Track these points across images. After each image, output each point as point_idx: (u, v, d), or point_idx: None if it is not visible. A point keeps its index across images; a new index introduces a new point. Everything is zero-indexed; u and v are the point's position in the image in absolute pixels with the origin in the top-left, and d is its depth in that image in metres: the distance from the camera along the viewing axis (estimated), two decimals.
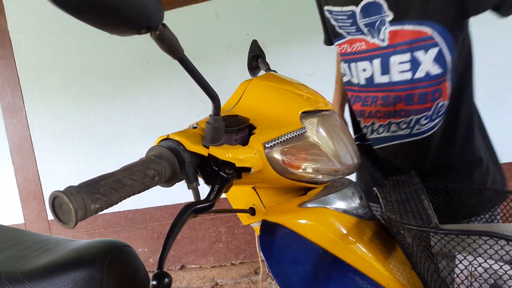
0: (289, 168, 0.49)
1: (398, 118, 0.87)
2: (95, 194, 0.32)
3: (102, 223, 2.11)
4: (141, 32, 0.33)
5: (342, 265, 0.51)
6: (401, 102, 0.86)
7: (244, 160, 0.45)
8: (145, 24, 0.33)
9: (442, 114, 0.84)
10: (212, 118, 0.43)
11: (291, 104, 0.55)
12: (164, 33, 0.34)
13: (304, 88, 0.60)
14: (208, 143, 0.43)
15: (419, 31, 0.78)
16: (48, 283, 0.64)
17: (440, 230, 0.43)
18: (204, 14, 1.88)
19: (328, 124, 0.56)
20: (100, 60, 2.01)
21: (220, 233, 2.02)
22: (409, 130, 0.86)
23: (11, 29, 2.07)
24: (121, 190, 0.35)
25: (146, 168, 0.38)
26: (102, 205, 0.33)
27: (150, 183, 0.38)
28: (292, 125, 0.51)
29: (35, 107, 2.10)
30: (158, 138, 0.45)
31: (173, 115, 1.98)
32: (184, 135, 0.44)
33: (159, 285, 0.34)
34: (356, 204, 0.57)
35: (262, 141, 0.47)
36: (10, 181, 2.16)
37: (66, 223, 0.31)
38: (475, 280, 0.45)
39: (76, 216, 0.31)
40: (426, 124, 0.84)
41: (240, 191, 0.64)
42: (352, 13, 0.88)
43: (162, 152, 0.41)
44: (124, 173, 0.36)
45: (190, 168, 0.43)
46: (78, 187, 0.32)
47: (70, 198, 0.31)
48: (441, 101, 0.83)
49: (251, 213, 0.62)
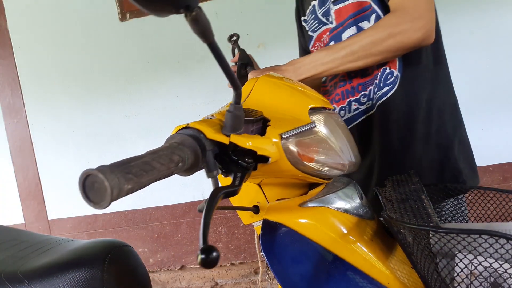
0: (303, 160, 0.50)
1: (357, 94, 0.88)
2: (128, 174, 0.32)
3: (102, 223, 2.11)
4: (180, 12, 0.33)
5: (343, 264, 0.51)
6: (357, 76, 0.87)
7: (263, 148, 0.46)
8: (184, 3, 0.33)
9: (391, 83, 0.83)
10: (233, 106, 0.44)
11: (299, 100, 0.56)
12: (199, 14, 0.34)
13: (306, 87, 0.61)
14: (228, 132, 0.44)
15: (359, 2, 0.82)
16: (48, 283, 0.64)
17: (440, 229, 0.43)
18: None
19: (333, 121, 0.57)
20: (100, 60, 2.01)
21: (220, 233, 2.02)
22: (370, 102, 0.86)
23: (11, 29, 2.07)
24: (151, 172, 0.34)
25: (171, 153, 0.38)
26: (133, 186, 0.32)
27: (174, 169, 0.38)
28: (302, 120, 0.52)
29: (35, 107, 2.10)
30: (176, 127, 0.45)
31: (173, 115, 1.98)
32: (204, 124, 0.44)
33: (207, 258, 0.34)
34: (357, 203, 0.57)
35: (279, 132, 0.48)
36: (10, 181, 2.16)
37: (98, 203, 0.31)
38: (475, 279, 0.45)
39: (111, 195, 0.30)
40: (377, 92, 0.84)
41: (244, 190, 0.64)
42: (313, 8, 0.92)
43: (184, 140, 0.41)
44: (152, 156, 0.36)
45: (210, 157, 0.43)
46: (111, 166, 0.31)
47: (106, 175, 0.30)
48: (388, 68, 0.83)
49: (254, 211, 0.62)
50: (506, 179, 1.74)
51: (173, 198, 2.03)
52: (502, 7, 1.67)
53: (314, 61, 0.78)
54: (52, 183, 2.13)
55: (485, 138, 1.73)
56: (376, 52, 0.75)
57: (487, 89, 1.72)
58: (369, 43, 0.74)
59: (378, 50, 0.74)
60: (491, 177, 1.74)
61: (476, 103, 1.73)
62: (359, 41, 0.75)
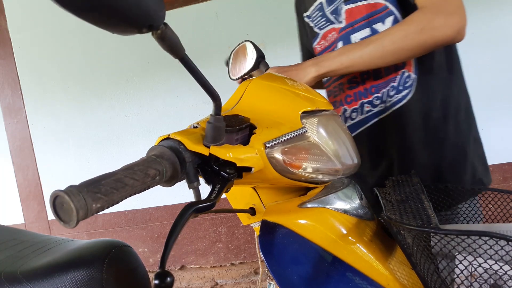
0: (289, 168, 0.49)
1: (370, 96, 0.86)
2: (97, 193, 0.32)
3: (102, 223, 2.11)
4: (143, 31, 0.33)
5: (342, 265, 0.51)
6: (370, 78, 0.85)
7: (245, 159, 0.45)
8: (147, 23, 0.33)
9: (410, 86, 0.82)
10: (213, 118, 0.43)
11: (292, 104, 0.55)
12: (165, 32, 0.34)
13: (304, 88, 0.60)
14: (209, 143, 0.43)
15: (373, 4, 0.80)
16: (48, 283, 0.64)
17: (440, 230, 0.43)
18: (204, 14, 1.88)
19: (328, 124, 0.56)
20: (100, 60, 2.01)
21: (220, 233, 2.02)
22: (383, 105, 0.85)
23: (11, 29, 2.07)
24: (122, 189, 0.34)
25: (147, 167, 0.37)
26: (103, 204, 0.33)
27: (151, 183, 0.38)
28: (293, 125, 0.51)
29: (35, 107, 2.10)
30: (158, 138, 0.45)
31: (173, 115, 1.98)
32: (185, 135, 0.44)
33: (161, 284, 0.33)
34: (356, 204, 0.57)
35: (263, 140, 0.47)
36: (10, 181, 2.16)
37: (67, 223, 0.31)
38: (475, 281, 0.45)
39: (78, 216, 0.30)
40: (394, 96, 0.83)
41: (240, 191, 0.64)
42: (320, 6, 0.90)
43: (163, 152, 0.41)
44: (125, 172, 0.36)
45: (191, 168, 0.43)
46: (79, 186, 0.32)
47: (71, 197, 0.30)
48: (406, 71, 0.82)
49: (251, 213, 0.62)
50: (506, 179, 1.74)
51: (173, 198, 2.03)
52: (502, 7, 1.66)
53: (340, 54, 0.76)
54: (52, 183, 2.13)
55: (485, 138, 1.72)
56: (407, 47, 0.72)
57: (488, 89, 1.71)
58: (401, 37, 0.71)
59: (410, 45, 0.72)
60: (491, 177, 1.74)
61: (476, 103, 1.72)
62: (389, 35, 0.72)
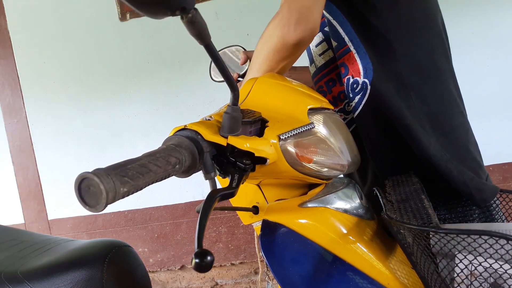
0: (301, 161, 0.50)
1: (341, 104, 0.81)
2: (124, 177, 0.32)
3: (102, 223, 2.11)
4: (176, 14, 0.33)
5: (343, 265, 0.51)
6: (336, 85, 0.81)
7: (261, 150, 0.45)
8: (180, 5, 0.33)
9: (360, 91, 0.74)
10: (230, 108, 0.43)
11: (298, 101, 0.56)
12: (195, 16, 0.35)
13: (306, 87, 0.61)
14: (226, 133, 0.44)
15: None
16: (48, 283, 0.64)
17: (440, 230, 0.43)
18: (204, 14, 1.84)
19: (332, 121, 0.57)
20: (100, 60, 2.01)
21: (220, 233, 2.02)
22: (350, 114, 0.79)
23: (11, 29, 2.07)
24: (147, 175, 0.34)
25: (168, 155, 0.37)
26: (129, 189, 0.32)
27: (171, 171, 0.38)
28: (301, 121, 0.52)
29: (35, 107, 2.10)
30: (173, 129, 0.45)
31: (173, 115, 1.98)
32: (202, 125, 0.44)
33: (201, 263, 0.33)
34: (356, 203, 0.57)
35: (277, 133, 0.48)
36: (10, 181, 2.16)
37: (94, 207, 0.31)
38: (475, 279, 0.45)
39: (107, 198, 0.30)
40: (347, 101, 0.78)
41: (243, 190, 0.64)
42: None
43: (182, 141, 0.41)
44: (149, 158, 0.36)
45: (208, 158, 0.43)
46: (106, 169, 0.31)
47: (101, 179, 0.30)
48: (351, 77, 0.75)
49: (254, 211, 0.62)
50: (506, 179, 1.74)
51: (173, 198, 2.02)
52: (503, 7, 1.67)
53: None
54: (52, 183, 2.13)
55: (485, 138, 1.72)
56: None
57: (488, 89, 1.72)
58: None
59: None
60: (491, 177, 1.74)
61: (476, 103, 1.73)
62: None
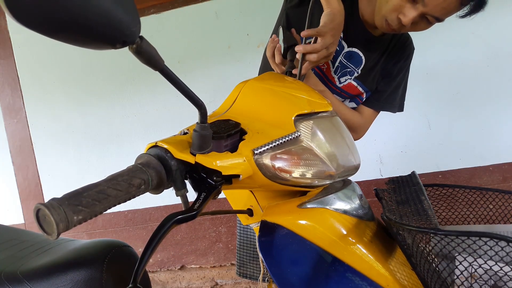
0: (280, 174, 0.49)
1: None
2: (78, 206, 0.33)
3: (102, 223, 2.11)
4: (117, 47, 0.33)
5: (342, 266, 0.51)
6: None
7: (231, 167, 0.44)
8: (121, 39, 0.32)
9: None
10: (198, 126, 0.43)
11: (286, 107, 0.54)
12: (141, 46, 0.34)
13: (303, 88, 0.59)
14: (195, 151, 0.43)
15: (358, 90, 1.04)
16: (48, 283, 0.64)
17: (440, 231, 0.43)
18: (204, 14, 1.88)
19: (325, 126, 0.55)
20: (100, 60, 2.01)
21: (220, 233, 2.02)
22: None
23: (11, 29, 2.07)
24: (105, 200, 0.35)
25: (131, 177, 0.38)
26: (85, 216, 0.33)
27: (136, 192, 0.38)
28: (286, 129, 0.51)
29: (35, 107, 2.10)
30: (147, 145, 0.44)
31: (173, 115, 1.98)
32: (172, 143, 0.43)
33: None
34: (356, 204, 0.57)
35: (251, 147, 0.47)
36: (10, 181, 2.16)
37: (50, 234, 0.32)
38: (475, 282, 0.45)
39: (58, 228, 0.31)
40: None
41: (238, 192, 0.64)
42: (341, 47, 1.00)
43: (149, 160, 0.41)
44: (108, 183, 0.36)
45: (177, 176, 0.43)
46: (60, 199, 0.32)
47: (51, 211, 0.31)
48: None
49: (249, 214, 0.62)
50: (506, 179, 1.74)
51: (173, 198, 2.01)
52: (503, 7, 1.66)
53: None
54: (52, 183, 2.13)
55: (485, 138, 1.72)
56: None
57: (487, 89, 1.71)
58: (343, 114, 0.99)
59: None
60: (491, 177, 1.74)
61: (476, 103, 1.73)
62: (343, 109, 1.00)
